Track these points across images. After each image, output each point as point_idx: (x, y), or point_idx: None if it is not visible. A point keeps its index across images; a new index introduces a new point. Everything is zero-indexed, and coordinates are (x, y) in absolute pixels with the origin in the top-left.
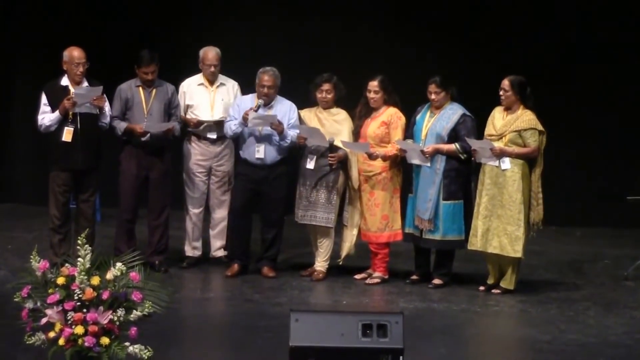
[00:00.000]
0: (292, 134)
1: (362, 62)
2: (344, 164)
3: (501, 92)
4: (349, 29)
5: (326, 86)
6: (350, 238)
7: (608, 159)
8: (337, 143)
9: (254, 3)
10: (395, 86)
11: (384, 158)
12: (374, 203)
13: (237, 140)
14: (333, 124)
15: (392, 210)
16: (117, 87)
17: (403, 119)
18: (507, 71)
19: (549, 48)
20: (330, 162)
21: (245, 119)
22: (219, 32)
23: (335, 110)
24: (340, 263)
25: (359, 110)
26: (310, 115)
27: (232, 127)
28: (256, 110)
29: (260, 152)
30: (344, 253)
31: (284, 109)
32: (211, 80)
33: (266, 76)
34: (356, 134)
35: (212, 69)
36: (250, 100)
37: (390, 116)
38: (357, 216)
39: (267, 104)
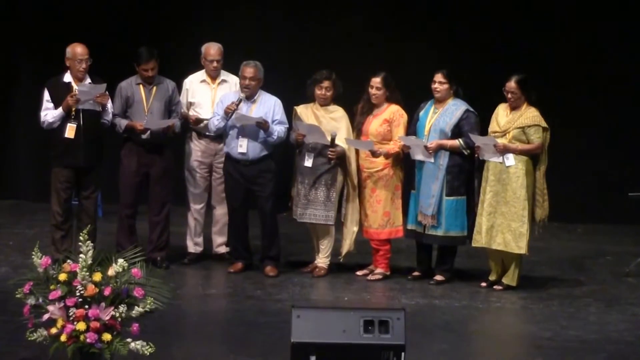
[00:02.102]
0: (278, 129)
1: (364, 59)
2: (342, 160)
3: (509, 95)
4: (351, 25)
5: (326, 83)
6: (350, 235)
7: (610, 155)
8: (339, 139)
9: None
10: (397, 83)
11: (387, 155)
12: (376, 200)
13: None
14: (330, 121)
15: (394, 207)
16: (118, 85)
17: (405, 116)
18: (510, 67)
19: (551, 44)
20: (330, 156)
21: (227, 113)
22: (221, 28)
23: (332, 107)
24: (341, 260)
25: (360, 106)
26: (307, 112)
27: (214, 122)
28: (237, 105)
29: (242, 147)
30: (344, 250)
31: (269, 104)
32: (213, 77)
33: (248, 68)
34: (357, 130)
35: (215, 64)
36: (234, 97)
37: (392, 114)
38: (356, 213)
39: (250, 97)
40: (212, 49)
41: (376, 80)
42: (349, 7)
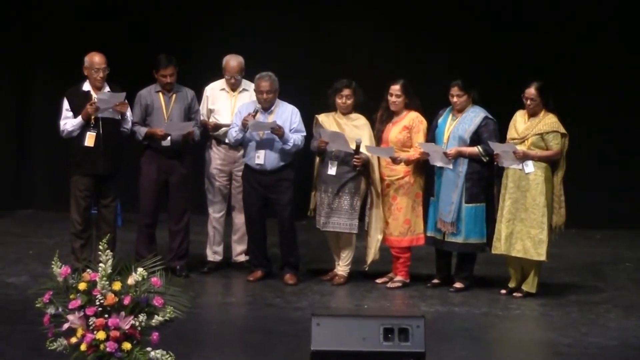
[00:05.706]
0: (294, 137)
1: (381, 67)
2: (366, 168)
3: (528, 102)
4: (368, 34)
5: (346, 91)
6: (374, 244)
7: (629, 162)
8: (362, 147)
9: (274, 8)
10: (416, 90)
11: (407, 162)
12: (397, 207)
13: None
14: (353, 129)
15: (415, 215)
16: (137, 93)
17: (425, 123)
18: (527, 74)
19: (570, 49)
20: (355, 163)
21: (244, 125)
22: (239, 38)
23: (354, 115)
24: (366, 269)
25: (380, 114)
26: (329, 121)
27: (232, 134)
28: (254, 116)
29: (260, 158)
30: (369, 259)
31: (286, 113)
32: (233, 87)
33: (263, 82)
34: (377, 138)
35: (233, 80)
36: (252, 106)
37: (412, 120)
38: (380, 221)
39: (268, 108)
40: (230, 64)
41: (395, 88)
42: (366, 15)
